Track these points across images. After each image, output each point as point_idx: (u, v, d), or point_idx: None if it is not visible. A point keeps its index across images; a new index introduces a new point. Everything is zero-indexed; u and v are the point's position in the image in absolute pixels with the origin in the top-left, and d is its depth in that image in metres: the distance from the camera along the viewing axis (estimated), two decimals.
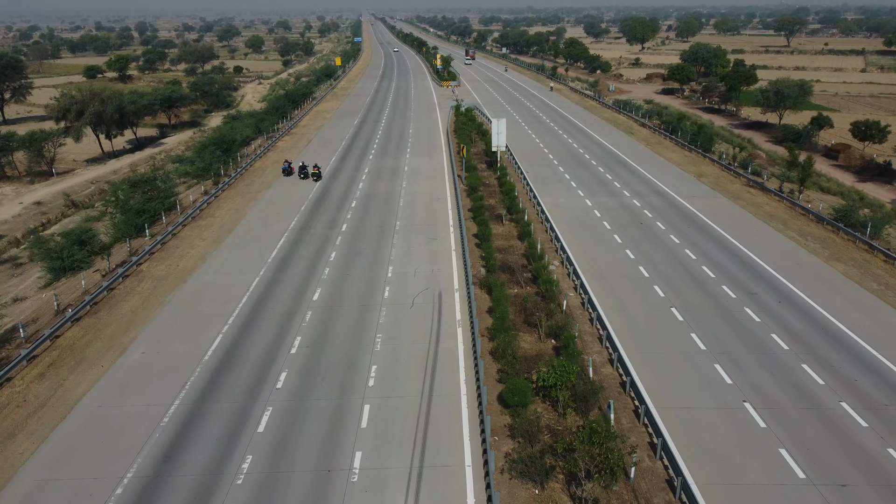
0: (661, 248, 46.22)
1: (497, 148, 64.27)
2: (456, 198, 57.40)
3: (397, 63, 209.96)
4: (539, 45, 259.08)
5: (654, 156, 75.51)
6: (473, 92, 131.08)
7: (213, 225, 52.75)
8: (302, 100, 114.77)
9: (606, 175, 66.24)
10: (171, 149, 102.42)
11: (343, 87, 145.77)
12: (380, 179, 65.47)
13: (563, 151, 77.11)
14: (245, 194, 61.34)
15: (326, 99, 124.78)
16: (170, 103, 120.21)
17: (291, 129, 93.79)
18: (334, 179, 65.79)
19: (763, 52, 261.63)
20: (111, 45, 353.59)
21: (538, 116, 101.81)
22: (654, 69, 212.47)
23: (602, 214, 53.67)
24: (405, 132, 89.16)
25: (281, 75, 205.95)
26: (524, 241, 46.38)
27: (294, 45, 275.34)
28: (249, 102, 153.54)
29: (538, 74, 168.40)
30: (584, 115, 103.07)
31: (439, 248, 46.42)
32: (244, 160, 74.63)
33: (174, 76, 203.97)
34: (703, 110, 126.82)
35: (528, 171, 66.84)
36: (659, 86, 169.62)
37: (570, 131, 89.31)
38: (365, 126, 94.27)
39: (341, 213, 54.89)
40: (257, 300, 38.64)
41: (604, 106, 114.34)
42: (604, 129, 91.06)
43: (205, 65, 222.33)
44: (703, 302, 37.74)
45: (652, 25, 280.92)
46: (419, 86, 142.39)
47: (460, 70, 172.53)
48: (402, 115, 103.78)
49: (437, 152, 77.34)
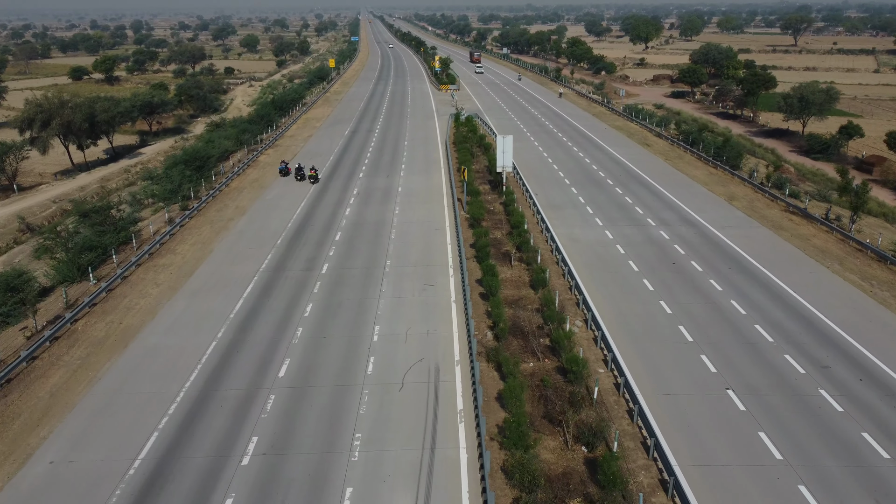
0: (701, 298, 38.40)
1: (503, 168, 56.42)
2: (456, 228, 49.56)
3: (394, 64, 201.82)
4: (540, 44, 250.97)
5: (675, 173, 67.65)
6: (474, 96, 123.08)
7: (173, 264, 44.88)
8: (291, 106, 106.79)
9: (626, 198, 58.38)
10: (149, 159, 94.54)
11: (336, 90, 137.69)
12: (370, 203, 57.58)
13: (574, 168, 69.25)
14: (215, 223, 53.45)
15: (317, 104, 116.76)
16: (150, 109, 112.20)
17: (277, 140, 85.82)
18: (318, 203, 57.91)
19: (770, 52, 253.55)
20: (103, 45, 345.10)
21: (544, 125, 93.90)
22: (661, 70, 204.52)
23: (626, 250, 45.84)
24: (400, 144, 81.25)
25: (274, 76, 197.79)
26: (538, 292, 38.57)
27: (289, 45, 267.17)
28: (238, 106, 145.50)
29: (541, 76, 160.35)
30: (593, 124, 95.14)
31: (437, 298, 38.59)
32: (220, 178, 66.72)
33: (163, 77, 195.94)
34: (718, 116, 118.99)
35: (538, 194, 58.96)
36: (667, 87, 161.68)
37: (580, 143, 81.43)
38: (356, 137, 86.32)
39: (323, 248, 47.04)
40: (210, 375, 30.84)
41: (613, 112, 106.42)
42: (617, 141, 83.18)
43: (196, 65, 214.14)
44: (765, 380, 29.93)
45: (655, 24, 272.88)
46: (416, 89, 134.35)
47: (460, 72, 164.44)
48: (397, 123, 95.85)
49: (435, 169, 69.48)
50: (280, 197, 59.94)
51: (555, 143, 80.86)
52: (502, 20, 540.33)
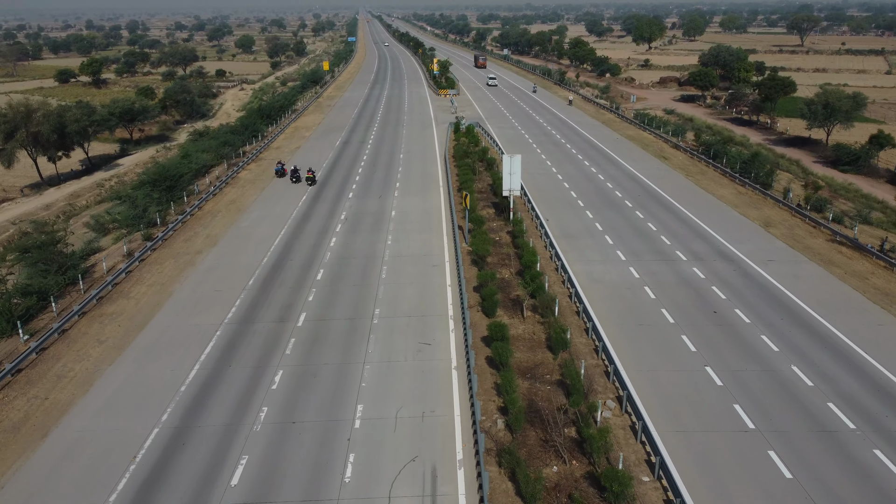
0: (755, 363, 31.46)
1: (509, 192, 49.36)
2: (457, 265, 42.55)
3: (391, 66, 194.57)
4: (541, 45, 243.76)
5: (699, 192, 60.65)
6: (474, 102, 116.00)
7: (124, 313, 37.88)
8: (279, 114, 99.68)
9: (648, 224, 51.38)
10: (127, 171, 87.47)
11: (330, 94, 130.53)
12: (358, 231, 50.55)
13: (587, 186, 62.24)
14: (180, 256, 46.42)
15: (309, 111, 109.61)
16: (131, 117, 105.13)
17: (261, 152, 78.74)
18: (300, 231, 50.89)
19: (777, 52, 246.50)
20: (96, 45, 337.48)
21: (550, 135, 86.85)
22: (666, 71, 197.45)
23: (657, 294, 38.87)
24: (395, 158, 74.22)
25: (267, 79, 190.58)
26: (557, 356, 31.61)
27: (284, 46, 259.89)
28: (228, 111, 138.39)
29: (544, 80, 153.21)
30: (603, 133, 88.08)
31: (434, 363, 31.64)
32: (194, 199, 59.68)
33: (153, 80, 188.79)
34: (732, 122, 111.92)
35: (549, 220, 51.96)
36: (675, 90, 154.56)
37: (592, 156, 74.43)
38: (348, 148, 79.28)
39: (301, 291, 40.03)
40: (144, 484, 23.87)
41: (624, 120, 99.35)
42: (631, 153, 76.18)
43: (187, 67, 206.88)
44: (862, 497, 23.00)
45: (659, 24, 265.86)
46: (414, 94, 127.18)
47: (460, 76, 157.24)
48: (392, 132, 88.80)
49: (433, 187, 62.46)
50: (258, 222, 52.94)
51: (564, 157, 73.83)
52: (501, 20, 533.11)
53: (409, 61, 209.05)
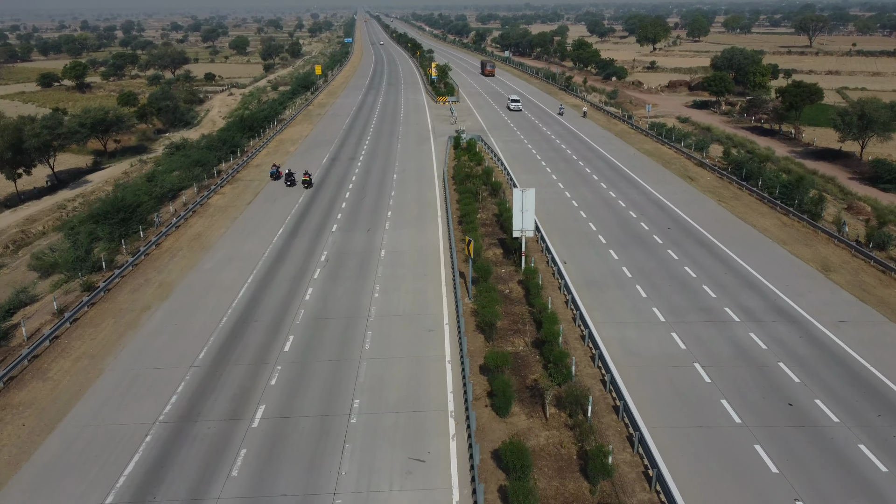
0: (863, 492, 23.10)
1: (521, 233, 40.90)
2: (459, 332, 34.19)
3: (388, 69, 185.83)
4: (543, 46, 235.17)
5: (737, 223, 52.23)
6: (475, 110, 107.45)
7: (35, 403, 29.51)
8: (263, 125, 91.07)
9: (685, 268, 43.00)
10: (94, 190, 79.18)
11: (321, 101, 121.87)
12: (340, 278, 42.13)
13: (607, 215, 53.82)
14: (123, 314, 38.02)
15: (297, 121, 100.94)
16: (104, 127, 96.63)
17: (239, 170, 70.21)
18: (272, 276, 42.46)
19: (786, 53, 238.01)
20: (88, 47, 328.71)
21: (560, 150, 78.35)
22: (674, 74, 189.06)
23: (713, 375, 30.52)
24: (387, 179, 65.75)
25: (258, 83, 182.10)
26: (595, 489, 23.21)
27: (278, 48, 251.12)
28: (214, 119, 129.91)
29: (548, 84, 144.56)
30: (618, 148, 79.57)
31: (430, 495, 23.26)
32: (153, 232, 51.24)
33: (139, 84, 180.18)
34: (751, 131, 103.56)
35: (567, 262, 43.57)
36: (685, 95, 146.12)
37: (608, 176, 66.02)
38: (336, 167, 70.83)
39: (262, 370, 31.64)
40: None
41: (638, 131, 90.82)
42: (652, 172, 67.75)
43: (176, 70, 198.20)
44: None
45: (663, 25, 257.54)
46: (411, 101, 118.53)
47: (460, 80, 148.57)
48: (385, 147, 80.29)
49: (430, 216, 54.02)
50: (222, 265, 44.52)
51: (577, 177, 65.39)
52: (501, 19, 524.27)
53: (406, 64, 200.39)
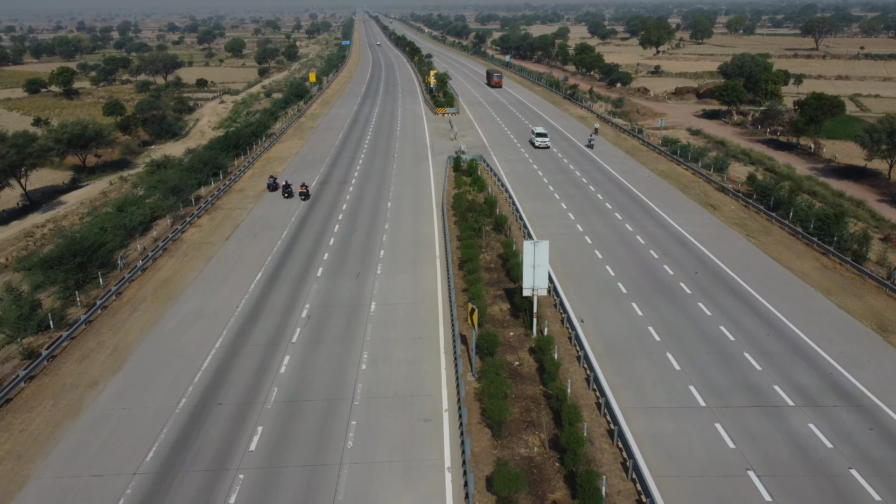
0: None
1: (533, 292, 34.97)
2: (460, 422, 28.34)
3: (385, 74, 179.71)
4: (544, 49, 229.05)
5: (771, 265, 46.29)
6: (476, 123, 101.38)
7: None
8: (250, 142, 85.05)
9: (722, 328, 37.10)
10: (68, 213, 73.30)
11: (314, 112, 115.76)
12: (322, 342, 36.21)
13: (625, 255, 47.90)
14: (65, 393, 32.11)
15: (287, 135, 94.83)
16: (83, 142, 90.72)
17: (219, 198, 64.17)
18: (242, 342, 36.53)
19: (792, 57, 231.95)
20: (82, 49, 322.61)
21: (568, 171, 72.34)
22: (679, 80, 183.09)
23: (767, 486, 24.69)
24: (381, 208, 59.76)
25: (252, 88, 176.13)
26: None
27: (273, 51, 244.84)
28: (203, 130, 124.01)
29: (552, 92, 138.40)
30: (631, 169, 73.54)
31: None
32: (114, 278, 45.30)
33: (128, 92, 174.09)
34: (767, 144, 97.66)
35: (584, 320, 37.68)
36: (693, 103, 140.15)
37: (623, 203, 60.06)
38: (325, 192, 64.87)
39: (221, 482, 25.72)
40: None
41: (650, 148, 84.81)
42: (669, 199, 61.79)
43: (167, 75, 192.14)
44: None
45: (667, 28, 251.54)
46: (408, 112, 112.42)
47: (460, 88, 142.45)
48: (380, 167, 74.28)
49: (427, 257, 48.10)
50: (189, 322, 38.62)
51: (589, 205, 59.44)
52: (501, 20, 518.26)
53: (404, 69, 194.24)
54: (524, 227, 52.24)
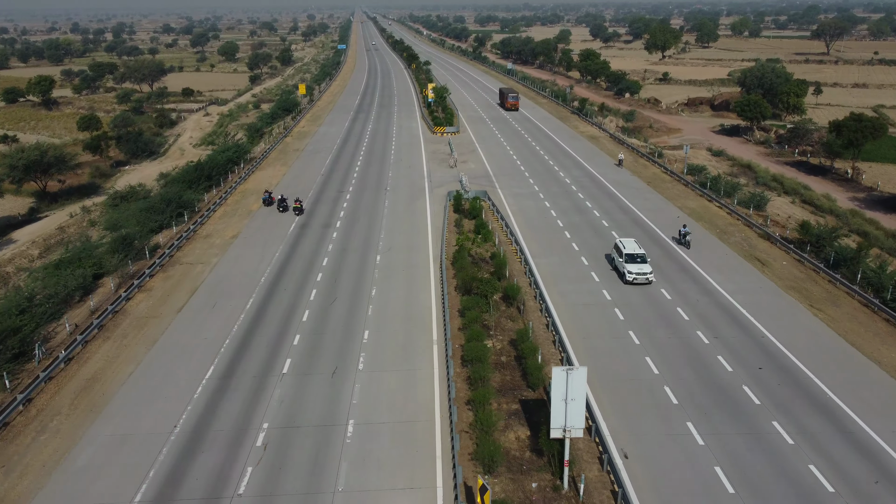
0: None
1: (566, 434, 25.41)
2: None
3: (381, 82, 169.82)
4: (546, 54, 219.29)
5: (851, 354, 36.72)
6: (478, 144, 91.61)
7: None
8: (227, 170, 75.44)
9: (809, 465, 27.62)
10: (14, 257, 63.57)
11: (302, 130, 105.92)
12: (276, 496, 26.67)
13: (668, 340, 38.24)
14: None
15: (269, 160, 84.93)
16: (42, 168, 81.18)
17: (180, 247, 54.47)
18: (184, 473, 27.03)
19: (804, 62, 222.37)
20: (73, 52, 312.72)
21: (586, 211, 62.51)
22: (689, 87, 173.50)
23: None
24: (368, 264, 50.14)
25: (241, 98, 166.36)
26: None
27: (265, 57, 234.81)
28: (183, 147, 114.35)
29: (558, 105, 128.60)
30: (657, 207, 63.56)
31: None
32: (28, 376, 35.69)
33: (112, 100, 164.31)
34: (797, 168, 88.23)
35: (630, 455, 28.17)
36: (709, 116, 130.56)
37: (655, 257, 50.23)
38: (303, 241, 55.21)
39: None
40: None
41: (675, 178, 75.02)
42: (709, 250, 52.12)
43: (154, 83, 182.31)
44: None
45: (674, 31, 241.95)
46: (404, 131, 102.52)
47: (459, 100, 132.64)
48: (370, 205, 64.44)
49: (421, 345, 38.39)
50: (110, 453, 29.06)
51: (605, 246, 49.89)
52: (500, 21, 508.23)
53: (400, 76, 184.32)
54: (540, 299, 42.64)
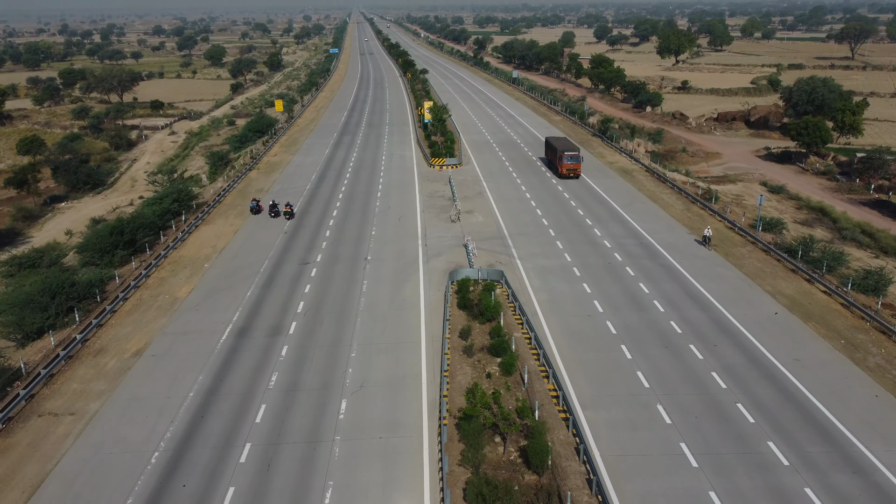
0: None
1: None
2: None
3: (372, 94, 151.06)
4: (552, 59, 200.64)
5: None
6: (486, 182, 73.02)
7: None
8: (160, 226, 57.06)
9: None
10: None
11: (272, 161, 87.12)
12: None
13: None
14: None
15: (221, 208, 65.70)
16: None
17: (50, 375, 36.25)
18: None
19: (828, 68, 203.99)
20: (52, 56, 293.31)
21: (649, 307, 44.04)
22: (712, 97, 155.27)
23: None
24: (327, 415, 31.96)
25: (217, 111, 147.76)
26: None
27: (250, 62, 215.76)
28: (136, 176, 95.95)
29: (574, 125, 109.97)
30: (742, 295, 44.58)
31: None
32: None
33: (67, 119, 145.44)
34: (878, 210, 70.08)
35: None
36: (747, 136, 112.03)
37: (766, 406, 32.14)
38: (236, 366, 37.04)
39: None
40: None
41: (744, 236, 56.59)
42: (841, 385, 33.90)
43: (123, 93, 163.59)
44: None
45: (688, 35, 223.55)
46: (395, 162, 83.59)
47: (461, 117, 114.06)
48: (341, 291, 45.88)
49: None
50: None
51: (709, 406, 31.70)
52: (500, 22, 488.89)
53: (394, 86, 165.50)
54: None
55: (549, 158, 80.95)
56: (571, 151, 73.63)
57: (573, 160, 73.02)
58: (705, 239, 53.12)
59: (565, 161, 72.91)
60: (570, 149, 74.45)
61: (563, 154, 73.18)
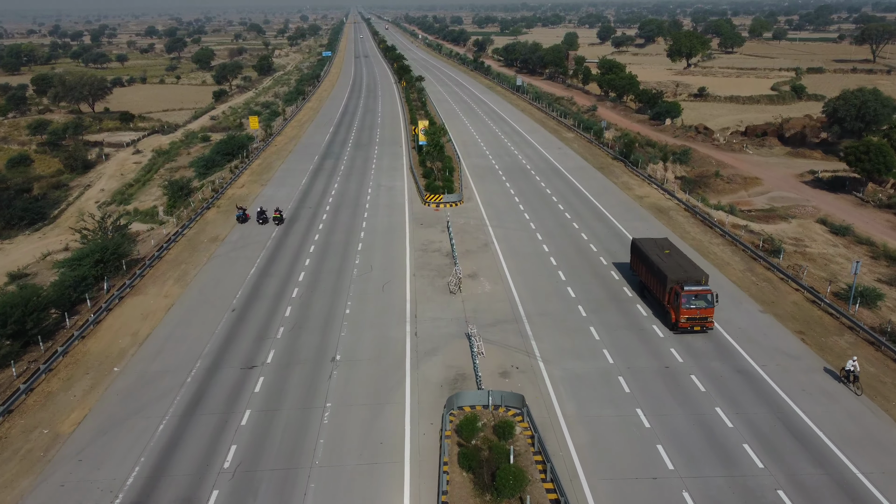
0: None
1: None
2: None
3: (363, 104, 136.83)
4: (557, 63, 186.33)
5: None
6: (492, 228, 58.91)
7: None
8: (76, 296, 43.26)
9: None
10: None
11: (238, 193, 73.11)
12: None
13: None
14: None
15: (162, 266, 51.68)
16: None
17: None
18: None
19: (850, 72, 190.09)
20: (36, 59, 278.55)
21: (740, 461, 30.49)
22: (731, 105, 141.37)
23: None
24: None
25: (194, 123, 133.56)
26: None
27: (236, 67, 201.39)
28: (85, 207, 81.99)
29: (591, 145, 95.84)
30: (876, 439, 31.65)
31: None
32: None
33: (42, 121, 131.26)
34: None
35: None
36: (784, 155, 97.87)
37: None
38: None
39: None
40: None
41: (839, 319, 42.71)
42: None
43: (94, 103, 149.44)
44: None
45: (700, 37, 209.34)
46: (383, 196, 69.18)
47: (459, 134, 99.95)
48: (296, 415, 32.31)
49: None
50: None
51: None
52: (499, 22, 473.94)
53: (388, 95, 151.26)
54: None
55: (643, 281, 44.65)
56: (706, 296, 38.48)
57: (702, 304, 38.26)
58: (848, 376, 33.87)
59: (688, 304, 38.22)
60: (691, 275, 39.73)
61: (681, 284, 39.06)
